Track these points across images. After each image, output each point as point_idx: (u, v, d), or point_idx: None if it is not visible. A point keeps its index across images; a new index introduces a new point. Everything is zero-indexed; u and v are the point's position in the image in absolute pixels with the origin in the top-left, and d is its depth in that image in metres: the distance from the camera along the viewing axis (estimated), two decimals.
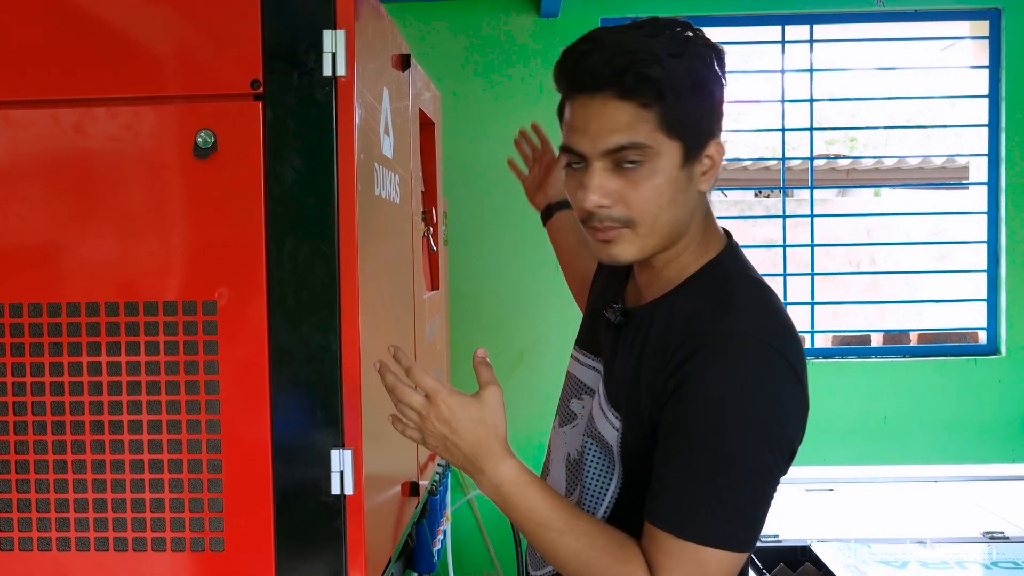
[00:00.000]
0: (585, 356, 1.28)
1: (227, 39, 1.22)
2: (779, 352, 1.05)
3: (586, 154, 1.07)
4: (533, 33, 3.22)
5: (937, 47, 4.05)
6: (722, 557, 1.02)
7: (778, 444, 1.05)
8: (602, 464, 1.17)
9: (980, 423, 3.24)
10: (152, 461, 1.25)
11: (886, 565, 1.94)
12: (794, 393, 1.06)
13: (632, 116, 1.05)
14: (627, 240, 1.09)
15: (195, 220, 1.23)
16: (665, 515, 1.03)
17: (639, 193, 1.06)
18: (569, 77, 1.08)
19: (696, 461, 1.03)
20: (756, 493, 1.04)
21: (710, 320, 1.07)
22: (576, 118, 1.08)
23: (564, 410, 1.29)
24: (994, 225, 3.30)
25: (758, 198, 7.10)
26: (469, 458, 1.10)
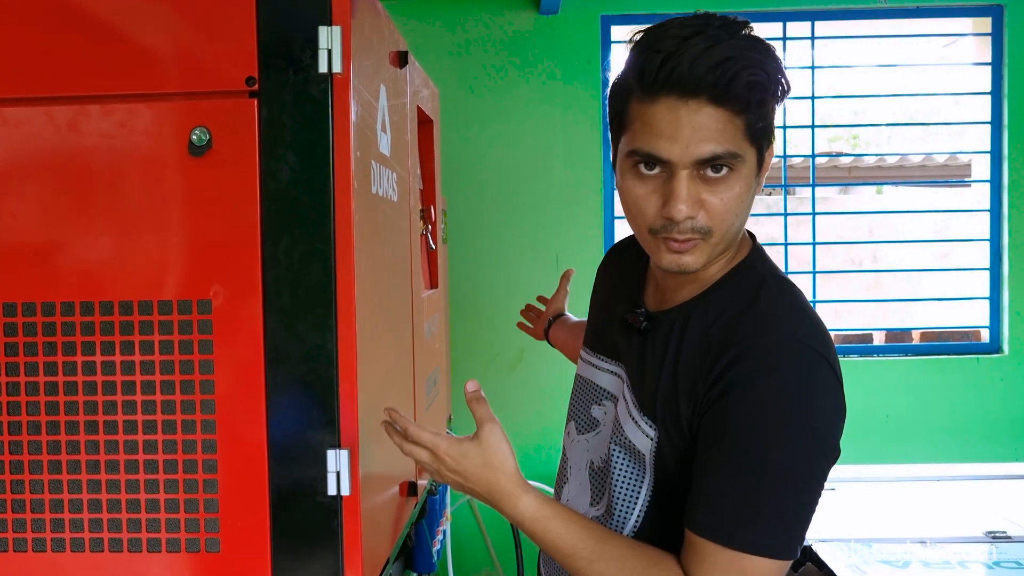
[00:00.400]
0: (601, 360, 1.25)
1: (222, 36, 1.21)
2: (822, 356, 1.04)
3: (674, 161, 1.02)
4: (533, 30, 3.21)
5: (939, 44, 4.03)
6: (767, 565, 1.00)
7: (824, 450, 1.03)
8: (632, 472, 1.15)
9: (983, 422, 3.22)
10: (147, 461, 1.24)
11: (888, 565, 1.93)
12: (837, 397, 1.06)
13: (724, 123, 1.01)
14: (700, 250, 1.06)
15: (190, 218, 1.22)
16: (710, 524, 1.01)
17: (722, 202, 1.03)
18: (658, 75, 1.00)
19: (743, 469, 1.01)
20: (802, 501, 1.03)
21: (753, 326, 1.05)
22: (661, 123, 1.01)
23: (583, 417, 1.27)
24: (997, 223, 3.29)
25: (759, 196, 7.08)
26: (487, 499, 1.11)
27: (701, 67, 0.98)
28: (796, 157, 3.79)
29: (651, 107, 1.02)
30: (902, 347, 3.39)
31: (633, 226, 1.11)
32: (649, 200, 1.05)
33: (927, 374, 3.25)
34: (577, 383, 1.31)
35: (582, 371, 1.30)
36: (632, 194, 1.07)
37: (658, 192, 1.04)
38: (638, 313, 1.18)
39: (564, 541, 1.07)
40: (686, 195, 1.02)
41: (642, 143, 1.04)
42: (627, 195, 1.08)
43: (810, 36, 3.31)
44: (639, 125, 1.04)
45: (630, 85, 1.05)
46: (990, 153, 3.28)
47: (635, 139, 1.04)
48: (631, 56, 1.05)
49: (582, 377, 1.30)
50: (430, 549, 2.04)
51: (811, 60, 3.32)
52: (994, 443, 3.21)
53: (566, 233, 3.23)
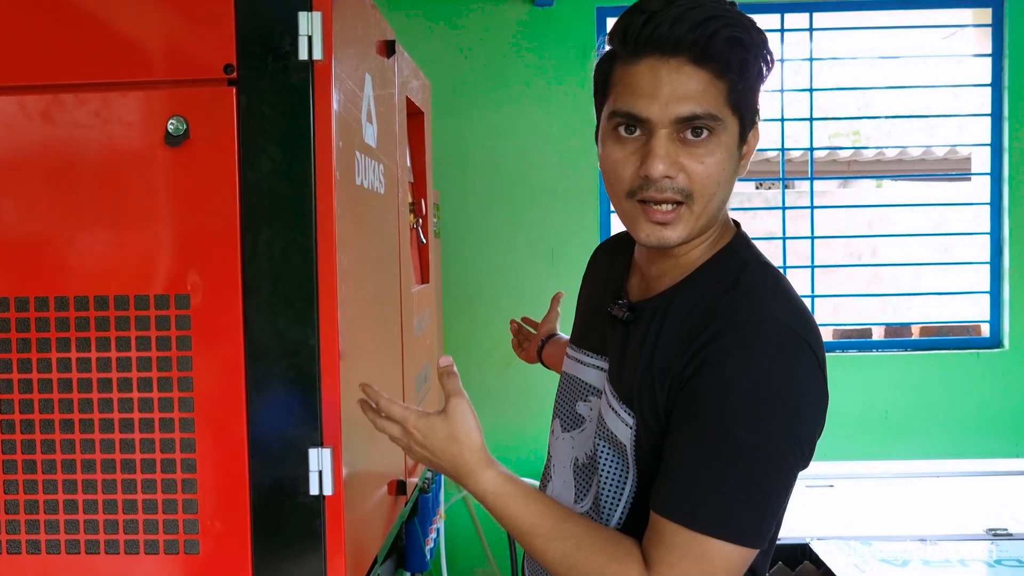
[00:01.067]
0: (587, 355, 1.23)
1: (199, 22, 1.17)
2: (803, 339, 1.01)
3: (652, 120, 1.01)
4: (527, 22, 3.17)
5: (939, 35, 3.99)
6: (729, 551, 0.96)
7: (798, 435, 0.99)
8: (616, 466, 1.12)
9: (983, 418, 3.19)
10: (124, 461, 1.20)
11: (887, 563, 1.90)
12: (817, 382, 1.02)
13: (706, 84, 1.00)
14: (682, 221, 1.04)
15: (167, 210, 1.19)
16: (671, 503, 0.98)
17: (703, 166, 1.02)
18: (640, 34, 1.01)
19: (711, 448, 0.97)
20: (771, 485, 0.99)
21: (732, 306, 1.02)
22: (642, 82, 1.01)
23: (568, 414, 1.24)
24: (997, 216, 3.26)
25: (759, 190, 7.05)
26: (453, 475, 1.10)
27: (682, 26, 0.98)
28: (795, 150, 3.74)
29: (633, 67, 1.03)
30: (901, 342, 3.35)
31: (612, 195, 1.09)
32: (627, 162, 1.04)
33: (927, 369, 3.22)
34: (563, 380, 1.28)
35: (568, 368, 1.27)
36: (611, 158, 1.06)
37: (637, 154, 1.04)
38: (620, 304, 1.16)
39: (523, 518, 1.06)
40: (664, 153, 1.01)
41: (622, 103, 1.04)
42: (606, 160, 1.07)
43: (808, 28, 3.27)
44: (620, 87, 1.04)
45: (614, 49, 1.06)
46: (990, 146, 3.24)
47: (616, 101, 1.05)
48: (616, 22, 1.06)
49: (568, 374, 1.27)
50: (422, 548, 2.01)
51: (809, 52, 3.28)
52: (995, 439, 3.18)
53: (562, 227, 3.20)
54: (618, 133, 1.05)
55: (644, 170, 1.02)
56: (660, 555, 0.97)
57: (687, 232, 1.05)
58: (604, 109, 1.08)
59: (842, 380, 3.20)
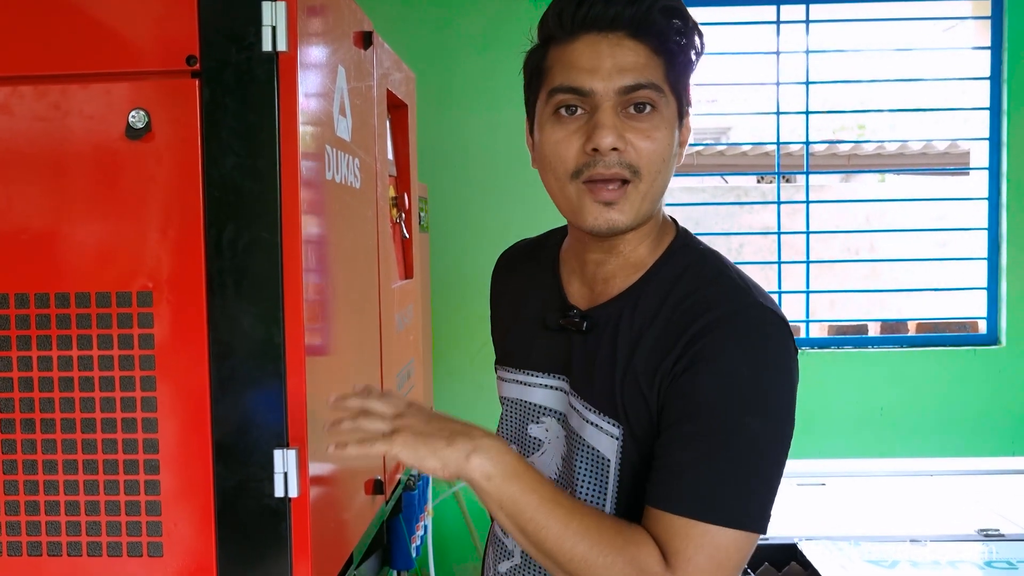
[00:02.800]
0: (532, 376, 1.17)
1: (160, 11, 1.14)
2: (783, 320, 1.01)
3: (597, 92, 1.00)
4: (517, 14, 3.13)
5: (939, 28, 3.94)
6: (741, 539, 0.95)
7: (791, 418, 1.00)
8: (594, 486, 1.07)
9: (979, 416, 3.16)
10: (86, 462, 1.18)
11: (875, 565, 1.87)
12: (796, 366, 1.02)
13: (646, 57, 1.01)
14: (628, 200, 1.02)
15: (128, 205, 1.16)
16: (682, 499, 0.95)
17: (649, 141, 1.01)
18: (576, 14, 1.01)
19: (714, 440, 0.96)
20: (773, 470, 0.99)
21: (713, 299, 1.01)
22: (582, 58, 1.01)
23: (521, 439, 1.18)
24: (995, 212, 3.22)
25: (759, 184, 7.01)
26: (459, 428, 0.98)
27: (619, 2, 0.99)
28: (793, 144, 3.70)
29: (571, 46, 1.02)
30: (897, 339, 3.32)
31: (554, 180, 1.05)
32: (571, 142, 1.02)
33: (923, 366, 3.19)
34: (506, 408, 1.22)
35: (510, 393, 1.21)
36: (552, 140, 1.04)
37: (580, 132, 1.02)
38: (572, 315, 1.11)
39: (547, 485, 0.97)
40: (612, 124, 1.00)
41: (562, 79, 1.02)
42: (547, 144, 1.04)
43: (805, 20, 3.23)
44: (559, 67, 1.03)
45: (548, 34, 1.05)
46: (989, 140, 3.21)
47: (554, 79, 1.03)
48: (548, 7, 1.05)
49: (511, 399, 1.21)
50: (407, 545, 1.99)
51: (806, 44, 3.25)
52: (990, 437, 3.15)
53: (551, 221, 3.15)
54: (559, 115, 1.03)
55: (592, 143, 1.00)
56: (675, 548, 0.95)
57: (634, 214, 1.03)
58: (540, 95, 1.06)
59: (837, 377, 3.18)
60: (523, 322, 1.21)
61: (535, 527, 0.95)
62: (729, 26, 3.44)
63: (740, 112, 5.05)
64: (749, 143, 6.64)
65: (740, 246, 5.44)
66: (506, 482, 0.95)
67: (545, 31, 1.06)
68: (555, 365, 1.14)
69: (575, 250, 1.16)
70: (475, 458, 0.95)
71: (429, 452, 0.95)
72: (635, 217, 1.03)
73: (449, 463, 0.95)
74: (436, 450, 0.95)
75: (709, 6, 3.23)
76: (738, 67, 3.93)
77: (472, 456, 0.95)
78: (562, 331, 1.12)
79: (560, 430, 1.13)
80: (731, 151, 6.11)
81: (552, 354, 1.14)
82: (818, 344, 3.30)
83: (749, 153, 6.06)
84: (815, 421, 3.09)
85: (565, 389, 1.13)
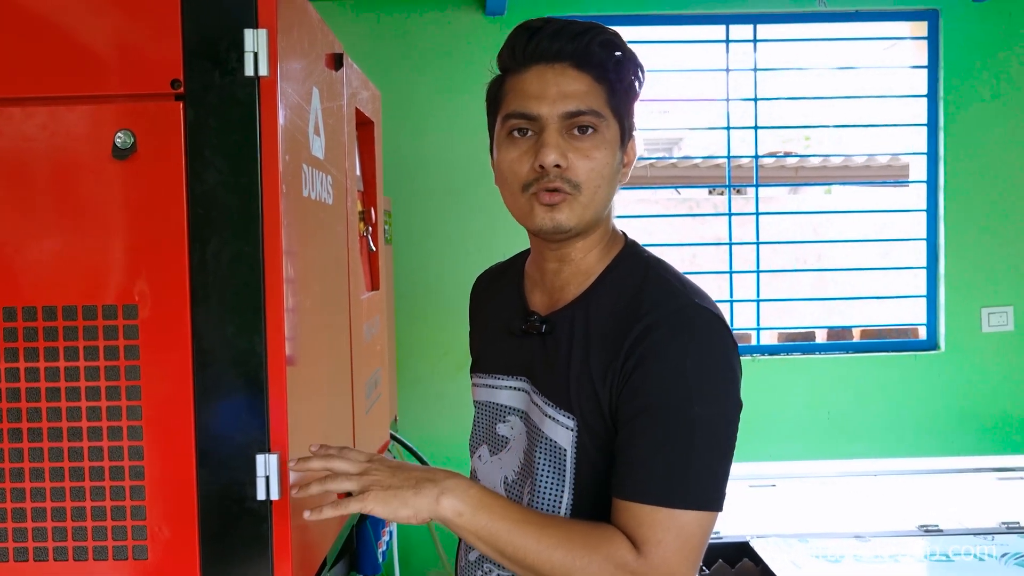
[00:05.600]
0: (498, 378, 1.29)
1: (146, 37, 1.19)
2: (721, 318, 1.12)
3: (543, 117, 1.12)
4: (479, 32, 3.21)
5: (880, 47, 4.11)
6: (703, 518, 1.05)
7: (736, 404, 1.11)
8: (553, 477, 1.17)
9: (920, 417, 3.30)
10: (73, 469, 1.22)
11: (822, 560, 1.97)
12: (737, 355, 1.13)
13: (588, 86, 1.13)
14: (570, 206, 1.13)
15: (115, 223, 1.21)
16: (645, 488, 1.05)
17: (589, 161, 1.12)
18: (526, 48, 1.14)
19: (669, 430, 1.06)
20: (724, 451, 1.09)
21: (655, 299, 1.12)
22: (531, 85, 1.14)
23: (491, 438, 1.29)
24: (933, 223, 3.37)
25: (710, 196, 7.16)
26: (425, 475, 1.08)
27: (563, 37, 1.13)
28: (743, 158, 3.83)
29: (521, 76, 1.15)
30: (843, 345, 3.45)
31: (508, 193, 1.18)
32: (522, 161, 1.14)
33: (867, 371, 3.32)
34: (478, 410, 1.34)
35: (481, 396, 1.33)
36: (507, 158, 1.16)
37: (530, 152, 1.14)
38: (533, 320, 1.22)
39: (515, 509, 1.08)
40: (555, 143, 1.12)
41: (514, 106, 1.15)
42: (503, 161, 1.17)
43: (753, 39, 3.35)
44: (512, 95, 1.16)
45: (504, 66, 1.19)
46: (927, 154, 3.36)
47: (508, 106, 1.16)
48: (505, 41, 1.18)
49: (481, 402, 1.32)
50: (374, 550, 2.04)
51: (754, 62, 3.37)
52: (931, 438, 3.29)
53: (512, 234, 3.22)
54: (512, 136, 1.16)
55: (538, 161, 1.12)
56: (644, 535, 1.04)
57: (577, 218, 1.14)
58: (497, 119, 1.19)
59: (787, 382, 3.30)
60: (492, 331, 1.33)
61: (513, 548, 1.06)
62: (682, 44, 3.55)
63: (692, 127, 5.19)
64: (701, 156, 6.79)
65: (693, 256, 5.57)
66: (477, 514, 1.06)
67: (502, 63, 1.20)
68: (518, 367, 1.24)
69: (536, 262, 1.27)
70: (444, 500, 1.05)
71: (400, 504, 1.05)
72: (578, 222, 1.14)
73: (421, 510, 1.05)
74: (406, 500, 1.05)
75: (663, 25, 3.34)
76: (690, 83, 4.05)
77: (441, 498, 1.05)
78: (525, 335, 1.23)
79: (523, 427, 1.23)
80: (683, 164, 6.24)
81: (516, 357, 1.25)
82: (768, 351, 3.42)
83: (701, 166, 6.21)
84: (766, 425, 3.20)
85: (526, 388, 1.23)
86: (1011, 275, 3.33)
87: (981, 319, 3.33)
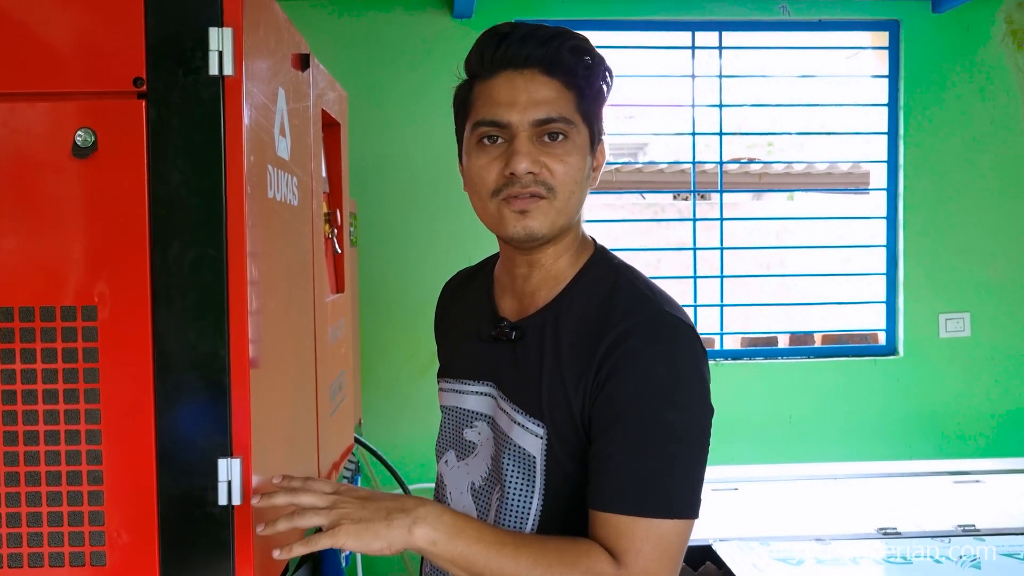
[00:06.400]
0: (465, 384, 1.28)
1: (108, 34, 1.17)
2: (690, 326, 1.12)
3: (513, 124, 1.11)
4: (446, 34, 3.21)
5: (842, 56, 4.17)
6: (682, 526, 1.05)
7: (707, 411, 1.11)
8: (522, 483, 1.16)
9: (879, 422, 3.35)
10: (28, 474, 1.19)
11: (783, 563, 1.99)
12: (706, 362, 1.13)
13: (557, 92, 1.12)
14: (543, 211, 1.13)
15: (75, 222, 1.18)
16: (621, 498, 1.05)
17: (561, 165, 1.12)
18: (495, 54, 1.13)
19: (643, 439, 1.06)
20: (698, 458, 1.09)
21: (626, 308, 1.12)
22: (500, 93, 1.12)
23: (458, 443, 1.28)
24: (893, 229, 3.42)
25: (675, 201, 7.22)
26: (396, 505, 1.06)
27: (532, 42, 1.12)
28: (707, 164, 3.86)
29: (490, 82, 1.14)
30: (805, 350, 3.50)
31: (478, 200, 1.17)
32: (491, 167, 1.13)
33: (828, 376, 3.36)
34: (445, 415, 1.33)
35: (448, 401, 1.32)
36: (476, 165, 1.15)
37: (500, 158, 1.13)
38: (503, 326, 1.21)
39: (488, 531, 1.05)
40: (527, 151, 1.11)
41: (484, 113, 1.14)
42: (471, 169, 1.16)
43: (718, 46, 3.38)
44: (481, 101, 1.14)
45: (472, 72, 1.18)
46: (887, 163, 3.41)
47: (478, 114, 1.15)
48: (472, 47, 1.17)
49: (448, 407, 1.31)
50: (337, 555, 2.02)
51: (719, 69, 3.40)
52: (890, 442, 3.34)
53: (479, 236, 3.22)
54: (482, 144, 1.14)
55: (509, 168, 1.11)
56: (623, 546, 1.03)
57: (550, 224, 1.13)
58: (466, 126, 1.17)
59: (749, 386, 3.33)
60: (460, 337, 1.32)
61: (490, 571, 1.04)
62: (647, 50, 3.57)
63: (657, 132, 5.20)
64: (666, 162, 6.84)
65: (658, 261, 5.60)
66: (451, 541, 1.03)
67: (470, 68, 1.19)
68: (486, 373, 1.24)
69: (505, 267, 1.26)
70: (417, 529, 1.03)
71: (372, 537, 1.02)
72: (551, 227, 1.14)
73: (395, 542, 1.03)
74: (378, 533, 1.03)
75: (629, 30, 3.36)
76: (655, 88, 4.08)
77: (414, 528, 1.03)
78: (494, 341, 1.22)
79: (490, 432, 1.22)
80: (648, 169, 6.28)
81: (483, 362, 1.24)
82: (731, 355, 3.45)
83: (666, 171, 6.25)
84: (729, 429, 3.22)
85: (493, 394, 1.22)
86: (968, 282, 3.39)
87: (939, 325, 3.39)
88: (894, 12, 3.34)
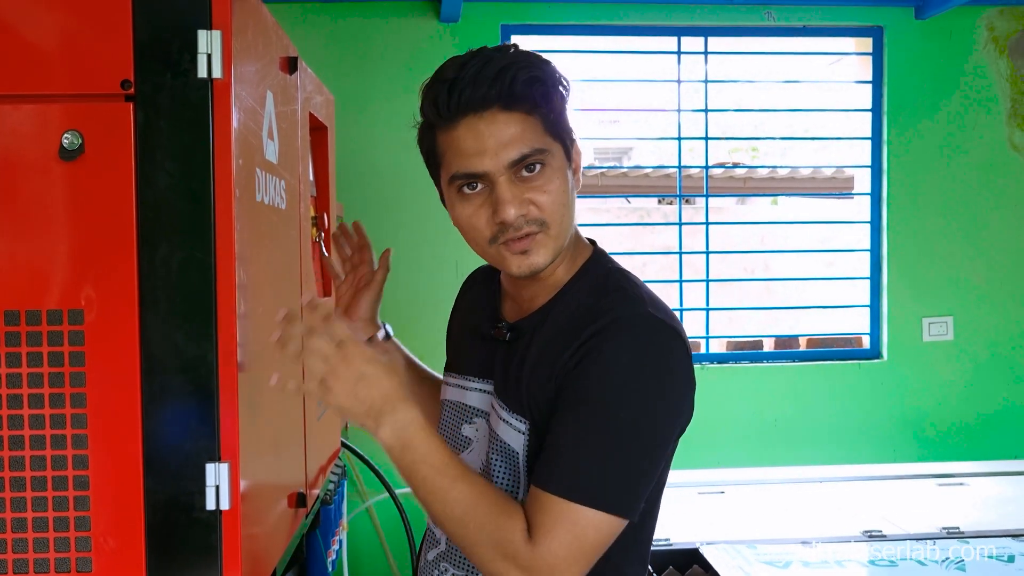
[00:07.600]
0: (469, 380, 1.29)
1: (95, 36, 1.17)
2: (676, 331, 1.12)
3: (490, 172, 1.10)
4: (433, 38, 3.21)
5: (826, 62, 4.19)
6: (600, 519, 1.04)
7: (669, 415, 1.10)
8: (508, 479, 1.18)
9: (863, 425, 3.37)
10: (14, 479, 1.18)
11: (770, 566, 2.00)
12: (688, 369, 1.12)
13: (522, 125, 1.10)
14: (542, 245, 1.13)
15: (61, 225, 1.18)
16: (552, 476, 1.06)
17: (547, 195, 1.11)
18: (449, 103, 1.09)
19: (590, 426, 1.06)
20: (643, 460, 1.08)
21: (612, 305, 1.12)
22: (467, 142, 1.10)
23: (454, 437, 1.29)
24: (876, 234, 3.44)
25: (660, 206, 7.25)
26: (378, 403, 1.05)
27: (483, 83, 1.08)
28: (693, 168, 3.87)
29: (453, 132, 1.11)
30: (789, 354, 3.51)
31: (475, 247, 1.17)
32: (479, 215, 1.13)
33: (813, 379, 3.38)
34: (446, 408, 1.33)
35: (450, 396, 1.33)
36: (463, 215, 1.14)
37: (485, 205, 1.12)
38: (501, 327, 1.23)
39: (438, 454, 1.06)
40: (510, 197, 1.10)
41: (457, 167, 1.12)
42: (460, 219, 1.15)
43: (704, 51, 3.40)
44: (450, 153, 1.13)
45: (430, 122, 1.15)
46: (871, 167, 3.43)
47: (450, 167, 1.13)
48: (423, 97, 1.14)
49: (452, 401, 1.32)
50: (324, 560, 2.01)
51: (704, 74, 3.42)
52: (874, 445, 3.36)
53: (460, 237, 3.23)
54: (463, 193, 1.13)
55: (498, 217, 1.10)
56: (539, 521, 1.04)
57: (550, 253, 1.14)
58: (442, 177, 1.16)
59: (735, 390, 3.34)
60: (467, 334, 1.34)
61: (424, 491, 1.07)
62: (633, 55, 3.58)
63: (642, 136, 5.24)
64: (651, 166, 6.86)
65: (643, 265, 5.62)
66: (404, 453, 1.06)
67: (427, 119, 1.15)
68: (485, 370, 1.25)
69: (507, 276, 1.27)
70: (382, 431, 1.06)
71: (351, 418, 1.07)
72: (552, 255, 1.15)
73: (366, 429, 1.07)
74: (355, 419, 1.07)
75: (615, 35, 3.37)
76: (641, 93, 4.09)
77: (380, 429, 1.06)
78: (492, 340, 1.24)
79: (486, 429, 1.23)
80: (634, 173, 6.30)
81: (483, 360, 1.25)
82: (717, 359, 3.46)
83: (651, 175, 6.27)
84: (715, 432, 3.24)
85: (490, 391, 1.23)
86: (951, 286, 3.41)
87: (922, 329, 3.41)
88: (878, 19, 3.37)
